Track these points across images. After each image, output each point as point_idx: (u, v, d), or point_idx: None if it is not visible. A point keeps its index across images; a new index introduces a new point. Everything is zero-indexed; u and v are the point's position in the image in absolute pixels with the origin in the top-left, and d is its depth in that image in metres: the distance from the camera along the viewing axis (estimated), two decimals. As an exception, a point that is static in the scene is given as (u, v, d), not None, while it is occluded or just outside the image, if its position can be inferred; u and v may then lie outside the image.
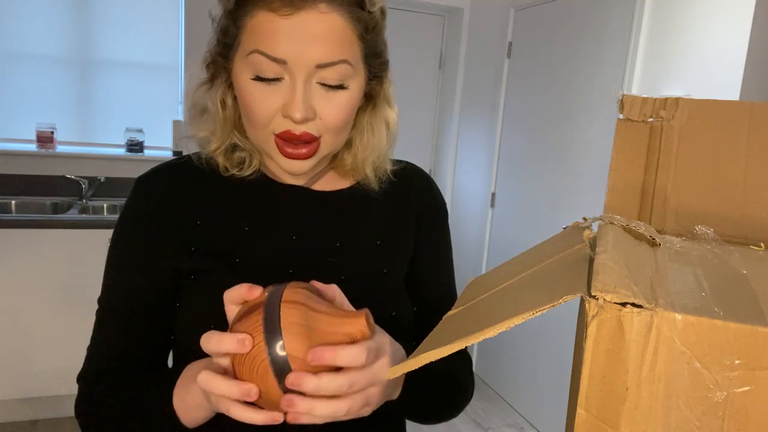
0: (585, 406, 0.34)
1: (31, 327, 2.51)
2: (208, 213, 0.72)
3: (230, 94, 0.71)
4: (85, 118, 3.05)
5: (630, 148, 0.53)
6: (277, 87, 0.63)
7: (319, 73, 0.63)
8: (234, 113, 0.72)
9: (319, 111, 0.64)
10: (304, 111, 0.62)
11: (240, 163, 0.73)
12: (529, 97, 2.93)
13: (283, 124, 0.64)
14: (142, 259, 0.71)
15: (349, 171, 0.77)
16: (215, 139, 0.72)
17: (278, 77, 0.63)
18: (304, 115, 0.62)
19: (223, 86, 0.71)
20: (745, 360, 0.31)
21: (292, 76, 0.62)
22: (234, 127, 0.72)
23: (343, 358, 0.51)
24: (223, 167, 0.73)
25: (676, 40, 2.12)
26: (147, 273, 0.71)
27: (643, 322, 0.32)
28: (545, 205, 2.79)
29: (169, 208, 0.71)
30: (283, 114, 0.63)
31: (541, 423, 2.83)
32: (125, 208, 0.73)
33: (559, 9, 2.72)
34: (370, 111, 0.75)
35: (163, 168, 0.75)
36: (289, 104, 0.62)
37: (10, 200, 2.81)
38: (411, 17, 3.51)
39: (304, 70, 0.62)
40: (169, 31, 3.03)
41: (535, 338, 2.83)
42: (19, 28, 2.86)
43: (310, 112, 0.63)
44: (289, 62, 0.61)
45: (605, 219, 0.47)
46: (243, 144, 0.73)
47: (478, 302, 0.50)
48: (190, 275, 0.70)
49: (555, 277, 0.42)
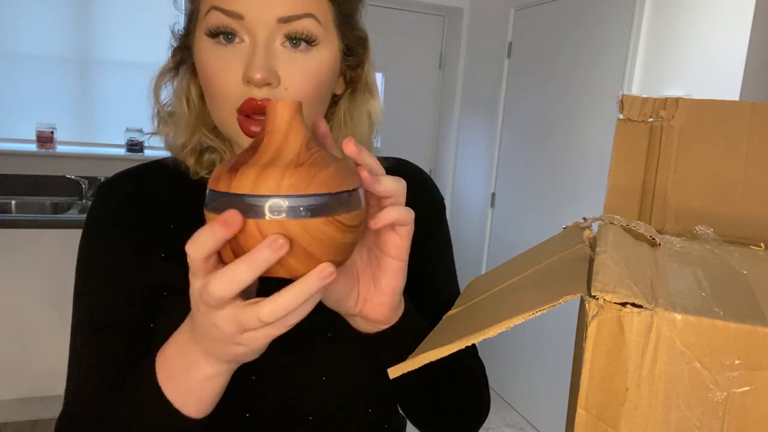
0: (585, 406, 0.34)
1: (31, 327, 2.51)
2: (179, 219, 0.66)
3: (195, 84, 0.66)
4: (85, 118, 3.05)
5: (630, 148, 0.53)
6: (237, 51, 0.57)
7: (282, 30, 0.56)
8: (200, 109, 0.66)
9: (284, 77, 0.57)
10: (265, 69, 0.55)
11: (211, 165, 0.68)
12: (529, 97, 2.93)
13: (245, 93, 0.57)
14: (117, 272, 0.64)
15: None
16: (180, 134, 0.66)
17: (233, 32, 0.56)
18: (264, 74, 0.55)
19: (188, 74, 0.65)
20: (745, 360, 0.31)
21: (252, 34, 0.56)
22: (200, 125, 0.67)
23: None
24: (194, 171, 0.67)
25: (676, 40, 2.12)
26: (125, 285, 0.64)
27: (643, 322, 0.32)
28: (545, 205, 2.79)
29: (137, 214, 0.66)
30: (244, 79, 0.56)
31: (541, 423, 2.83)
32: (90, 217, 0.67)
33: (559, 9, 2.72)
34: (348, 98, 0.68)
35: (128, 172, 0.70)
36: (249, 65, 0.55)
37: (10, 200, 2.81)
38: (411, 17, 3.51)
39: (265, 26, 0.56)
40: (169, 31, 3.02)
41: (535, 338, 2.83)
42: (19, 28, 2.86)
43: (272, 75, 0.56)
44: (247, 17, 0.55)
45: (605, 219, 0.47)
46: (213, 143, 0.67)
47: (478, 302, 0.50)
48: (163, 291, 0.64)
49: (555, 277, 0.42)
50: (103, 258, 0.65)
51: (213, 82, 0.58)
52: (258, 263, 0.40)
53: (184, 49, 0.65)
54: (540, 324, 2.75)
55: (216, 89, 0.58)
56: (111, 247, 0.65)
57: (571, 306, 0.39)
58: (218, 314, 0.43)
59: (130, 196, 0.67)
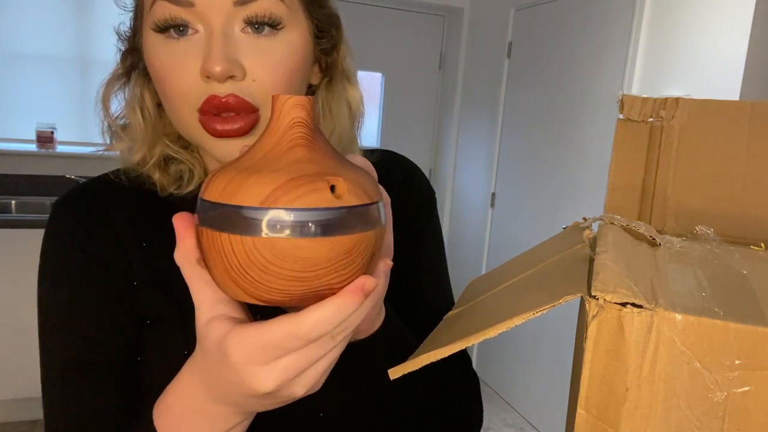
0: (585, 406, 0.34)
1: (31, 327, 2.50)
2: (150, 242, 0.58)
3: (149, 90, 0.58)
4: (85, 118, 3.05)
5: (630, 148, 0.53)
6: (191, 44, 0.49)
7: (240, 14, 0.49)
8: (157, 118, 0.59)
9: (249, 68, 0.50)
10: (225, 61, 0.48)
11: (178, 178, 0.59)
12: (529, 97, 2.93)
13: (205, 91, 0.49)
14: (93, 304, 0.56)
15: None
16: (137, 148, 0.58)
17: (183, 23, 0.49)
18: (224, 66, 0.48)
19: (140, 79, 0.58)
20: (745, 360, 0.31)
21: (206, 22, 0.49)
22: (161, 135, 0.59)
23: None
24: (161, 186, 0.59)
25: (676, 40, 2.12)
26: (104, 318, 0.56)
27: (643, 322, 0.32)
28: (545, 205, 2.79)
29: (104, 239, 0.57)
30: (202, 74, 0.49)
31: (541, 423, 2.83)
32: (49, 243, 0.58)
33: (559, 9, 2.72)
34: (325, 87, 0.61)
35: (82, 188, 0.61)
36: (206, 57, 0.48)
37: (10, 200, 2.81)
38: (411, 17, 3.51)
39: (219, 10, 0.48)
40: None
41: (535, 338, 2.83)
42: (19, 28, 2.86)
43: (235, 66, 0.49)
44: (197, 3, 0.48)
45: (605, 219, 0.47)
46: (177, 154, 0.59)
47: (478, 302, 0.50)
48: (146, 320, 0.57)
49: (555, 277, 0.42)
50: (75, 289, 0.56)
51: (167, 83, 0.51)
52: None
53: (133, 51, 0.57)
54: (540, 324, 2.75)
55: (172, 90, 0.51)
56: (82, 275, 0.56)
57: (571, 306, 0.39)
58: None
59: (92, 219, 0.58)
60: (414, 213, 0.69)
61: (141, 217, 0.59)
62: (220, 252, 0.34)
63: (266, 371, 0.35)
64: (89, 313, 0.56)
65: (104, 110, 0.60)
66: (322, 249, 0.33)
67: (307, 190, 0.33)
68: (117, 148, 0.60)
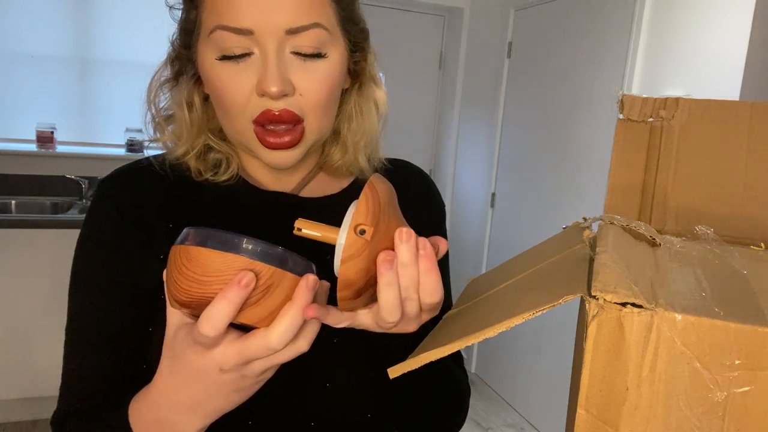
0: (585, 406, 0.34)
1: (31, 327, 2.50)
2: (179, 220, 0.64)
3: (198, 92, 0.64)
4: (85, 118, 3.05)
5: (630, 148, 0.53)
6: (247, 64, 0.56)
7: (291, 41, 0.56)
8: (203, 115, 0.65)
9: (297, 85, 0.57)
10: (280, 82, 0.55)
11: (215, 165, 0.66)
12: (529, 97, 2.93)
13: (260, 105, 0.57)
14: (114, 275, 0.63)
15: (340, 170, 0.69)
16: (181, 143, 0.65)
17: (247, 52, 0.56)
18: (280, 87, 0.55)
19: (189, 84, 0.64)
20: (745, 360, 0.31)
21: (262, 47, 0.55)
22: (205, 130, 0.65)
23: None
24: (196, 170, 0.65)
25: (676, 40, 2.12)
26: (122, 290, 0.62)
27: (643, 322, 0.32)
28: (545, 205, 2.79)
29: (138, 214, 0.64)
30: (258, 92, 0.56)
31: (541, 423, 2.83)
32: (89, 216, 0.65)
33: (559, 9, 2.72)
34: (356, 92, 0.68)
35: (127, 169, 0.67)
36: (263, 78, 0.55)
37: (10, 200, 2.81)
38: (411, 17, 3.51)
39: (274, 38, 0.55)
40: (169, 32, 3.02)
41: (535, 338, 2.83)
42: (19, 28, 2.86)
43: (287, 85, 0.56)
44: (256, 31, 0.55)
45: (605, 219, 0.47)
46: (218, 146, 0.65)
47: (478, 302, 0.50)
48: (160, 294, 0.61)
49: (555, 277, 0.42)
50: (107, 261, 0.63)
51: (226, 97, 0.58)
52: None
53: (184, 60, 0.63)
54: (540, 324, 2.75)
55: (230, 104, 0.58)
56: (114, 250, 0.63)
57: (571, 306, 0.39)
58: (216, 351, 0.43)
59: (130, 196, 0.65)
60: (428, 219, 0.74)
61: (172, 199, 0.65)
62: (170, 262, 0.43)
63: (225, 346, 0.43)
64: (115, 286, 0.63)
65: (152, 107, 0.66)
66: (217, 259, 0.41)
67: None
68: (163, 140, 0.67)
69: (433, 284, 0.46)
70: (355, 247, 0.43)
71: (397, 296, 0.45)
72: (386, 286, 0.45)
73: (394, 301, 0.45)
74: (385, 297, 0.45)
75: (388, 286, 0.45)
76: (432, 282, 0.46)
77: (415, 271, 0.45)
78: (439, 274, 0.46)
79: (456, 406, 0.69)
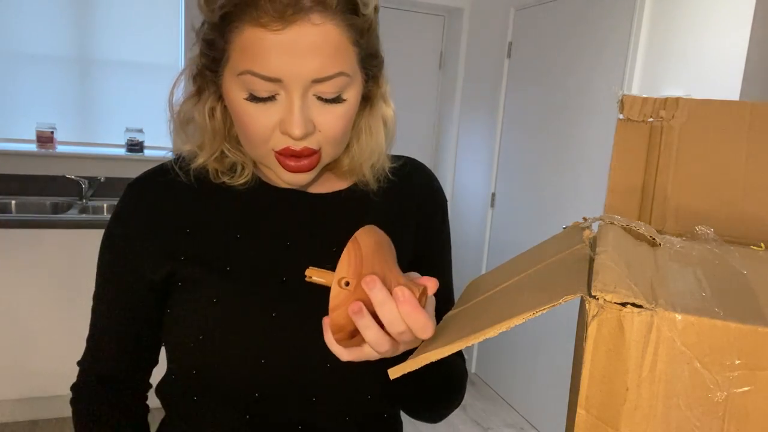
0: (585, 406, 0.34)
1: (31, 327, 2.50)
2: (199, 221, 0.70)
3: (219, 105, 0.69)
4: (85, 118, 3.05)
5: (630, 148, 0.53)
6: (272, 104, 0.61)
7: (315, 87, 0.60)
8: (223, 124, 0.69)
9: (317, 123, 0.62)
10: (303, 127, 0.60)
11: (231, 168, 0.71)
12: (529, 97, 2.93)
13: (283, 141, 0.62)
14: (130, 270, 0.70)
15: (346, 172, 0.74)
16: (203, 152, 0.70)
17: (273, 95, 0.61)
18: (303, 132, 0.60)
19: (211, 98, 0.68)
20: (745, 360, 0.31)
21: (288, 92, 0.60)
22: (224, 138, 0.70)
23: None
24: (214, 171, 0.71)
25: (676, 40, 2.12)
26: (136, 284, 0.70)
27: (643, 322, 0.32)
28: (545, 205, 2.79)
29: (159, 216, 0.70)
30: (282, 131, 0.62)
31: (541, 423, 2.83)
32: (116, 214, 0.72)
33: (559, 9, 2.72)
34: (367, 112, 0.72)
35: (154, 173, 0.73)
36: (287, 121, 0.60)
37: (10, 200, 2.81)
38: (411, 17, 3.51)
39: (300, 85, 0.59)
40: (169, 31, 3.02)
41: (535, 338, 2.83)
42: (19, 28, 2.86)
43: (309, 127, 0.61)
44: (284, 80, 0.59)
45: (605, 219, 0.47)
46: (236, 157, 0.70)
47: (478, 302, 0.50)
48: (178, 282, 0.69)
49: (555, 277, 0.42)
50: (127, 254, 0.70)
51: (250, 129, 0.62)
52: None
53: (208, 81, 0.67)
54: (540, 324, 2.75)
55: (253, 135, 0.63)
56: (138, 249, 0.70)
57: (571, 306, 0.39)
58: None
59: (154, 197, 0.71)
60: (432, 213, 0.80)
61: (195, 199, 0.71)
62: None
63: None
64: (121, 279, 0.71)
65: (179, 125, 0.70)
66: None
67: None
68: (184, 149, 0.71)
69: (420, 323, 0.49)
70: (340, 297, 0.50)
71: (378, 333, 0.50)
72: (365, 329, 0.50)
73: (375, 338, 0.50)
74: (368, 336, 0.51)
75: (366, 328, 0.50)
76: (418, 322, 0.49)
77: (394, 307, 0.49)
78: (423, 312, 0.50)
79: (456, 391, 0.74)
